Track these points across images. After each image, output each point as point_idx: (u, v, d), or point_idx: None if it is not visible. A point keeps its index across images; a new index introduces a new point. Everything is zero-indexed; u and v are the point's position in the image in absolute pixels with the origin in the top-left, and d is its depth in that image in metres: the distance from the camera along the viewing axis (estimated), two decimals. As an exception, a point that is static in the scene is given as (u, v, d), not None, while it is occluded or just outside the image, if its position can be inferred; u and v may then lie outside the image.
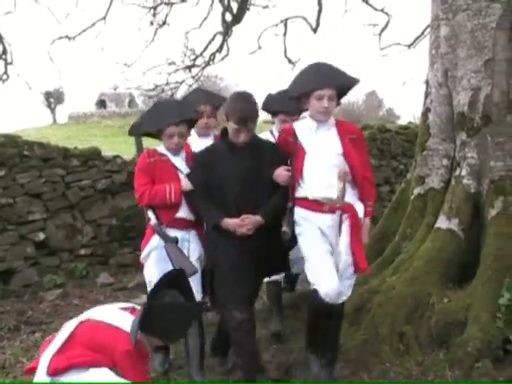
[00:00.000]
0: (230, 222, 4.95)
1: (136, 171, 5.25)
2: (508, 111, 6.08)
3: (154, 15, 14.62)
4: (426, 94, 6.92)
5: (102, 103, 37.11)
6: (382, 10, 15.87)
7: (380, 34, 16.46)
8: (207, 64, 15.46)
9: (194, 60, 15.31)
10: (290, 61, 16.50)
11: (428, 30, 7.85)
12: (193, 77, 15.87)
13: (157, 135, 5.29)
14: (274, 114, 6.36)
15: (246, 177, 4.97)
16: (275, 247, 5.08)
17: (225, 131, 5.14)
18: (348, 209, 4.92)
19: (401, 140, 14.72)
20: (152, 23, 14.73)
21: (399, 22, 40.84)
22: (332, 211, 4.87)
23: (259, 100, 5.58)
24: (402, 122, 23.11)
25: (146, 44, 15.03)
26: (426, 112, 6.86)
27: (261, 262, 5.02)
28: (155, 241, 5.19)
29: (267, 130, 6.55)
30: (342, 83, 5.02)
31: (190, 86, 16.64)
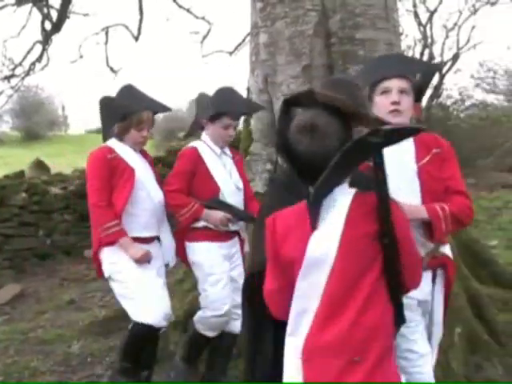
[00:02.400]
0: None
1: None
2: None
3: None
4: (248, 101, 7.03)
5: None
6: (203, 18, 16.03)
7: (202, 42, 16.63)
8: (27, 74, 15.02)
9: (13, 70, 14.84)
10: (112, 69, 16.35)
11: (248, 37, 7.99)
12: (12, 87, 15.39)
13: None
14: (214, 117, 5.06)
15: None
16: None
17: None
18: (447, 262, 3.63)
19: (225, 146, 14.91)
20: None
21: (221, 29, 41.38)
22: (430, 267, 3.52)
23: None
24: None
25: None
26: (248, 118, 6.97)
27: None
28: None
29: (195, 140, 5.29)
30: (416, 71, 3.72)
31: (10, 96, 16.14)
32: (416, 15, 24.28)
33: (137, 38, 15.25)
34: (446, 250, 3.63)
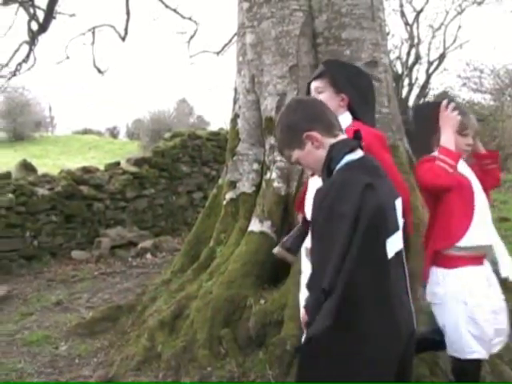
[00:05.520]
0: None
1: None
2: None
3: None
4: (235, 100, 7.03)
5: None
6: (189, 19, 16.03)
7: (189, 42, 16.63)
8: (13, 74, 14.97)
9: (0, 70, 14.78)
10: (99, 70, 16.32)
11: (235, 37, 7.99)
12: (-2, 88, 15.35)
13: None
14: None
15: None
16: None
17: None
18: None
19: (212, 146, 14.96)
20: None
21: (208, 30, 41.37)
22: None
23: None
24: (213, 128, 23.44)
25: None
26: (235, 118, 6.96)
27: None
28: None
29: None
30: (325, 66, 4.25)
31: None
32: (402, 15, 24.39)
33: (124, 39, 15.24)
34: None
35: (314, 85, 4.18)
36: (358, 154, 2.90)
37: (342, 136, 2.98)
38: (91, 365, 6.03)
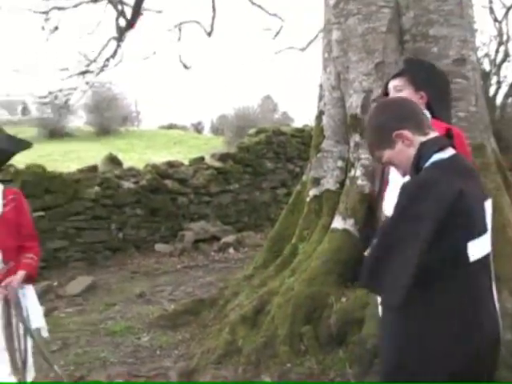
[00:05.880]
0: None
1: None
2: (399, 113, 6.18)
3: (46, 20, 14.32)
4: (320, 97, 7.00)
5: (-7, 110, 36.15)
6: (275, 15, 16.04)
7: (274, 38, 16.65)
8: (101, 70, 15.25)
9: (88, 66, 15.07)
10: (185, 66, 16.48)
11: (321, 34, 7.96)
12: (87, 83, 15.63)
13: None
14: None
15: None
16: None
17: None
18: None
19: (296, 143, 14.97)
20: (44, 28, 14.42)
21: (293, 26, 41.32)
22: None
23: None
24: (297, 124, 23.37)
25: (38, 49, 14.79)
26: (319, 115, 6.94)
27: None
28: None
29: None
30: (406, 67, 4.36)
31: (85, 92, 16.42)
32: (491, 11, 23.85)
33: (210, 34, 15.35)
34: None
35: (393, 83, 4.17)
36: (448, 152, 2.84)
37: (433, 134, 2.92)
38: (172, 357, 6.11)
